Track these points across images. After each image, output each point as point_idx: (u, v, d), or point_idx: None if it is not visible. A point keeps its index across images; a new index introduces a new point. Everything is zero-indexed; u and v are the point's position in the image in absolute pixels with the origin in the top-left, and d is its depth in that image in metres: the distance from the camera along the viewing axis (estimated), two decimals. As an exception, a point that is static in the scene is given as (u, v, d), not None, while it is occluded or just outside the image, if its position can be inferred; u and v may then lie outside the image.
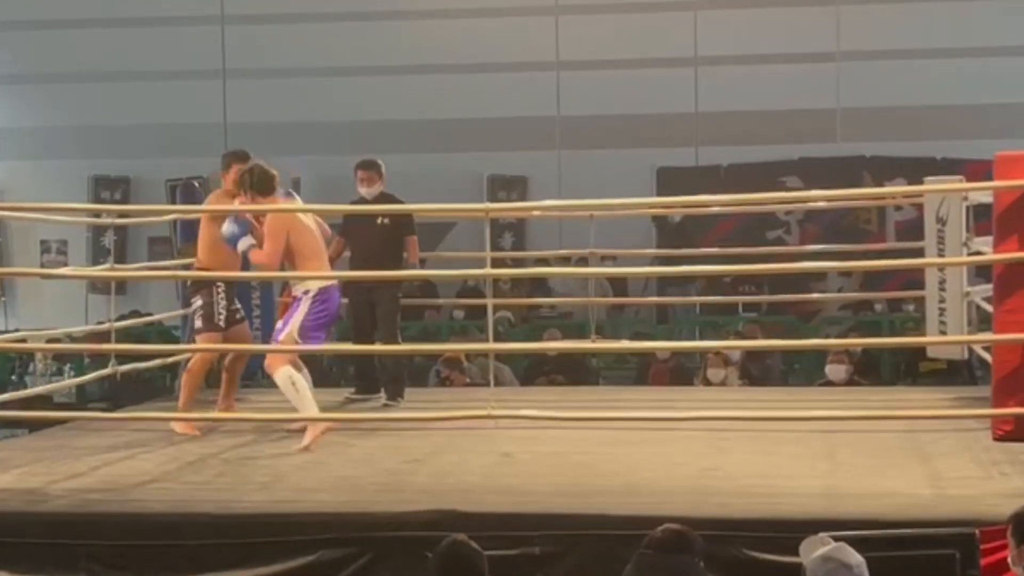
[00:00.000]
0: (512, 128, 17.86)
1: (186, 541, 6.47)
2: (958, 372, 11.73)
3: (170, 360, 10.99)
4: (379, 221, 9.82)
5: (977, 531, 5.87)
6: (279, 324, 8.79)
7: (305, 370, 8.99)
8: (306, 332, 8.60)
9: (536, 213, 16.06)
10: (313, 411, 8.53)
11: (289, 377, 8.50)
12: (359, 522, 6.45)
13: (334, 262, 9.59)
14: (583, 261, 12.94)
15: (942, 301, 9.69)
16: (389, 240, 9.87)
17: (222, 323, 9.14)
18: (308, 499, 6.94)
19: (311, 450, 8.23)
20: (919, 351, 11.45)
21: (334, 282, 8.78)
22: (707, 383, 11.58)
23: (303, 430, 8.50)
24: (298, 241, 8.63)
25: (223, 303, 9.13)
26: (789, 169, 17.38)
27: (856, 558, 4.70)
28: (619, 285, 16.34)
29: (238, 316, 9.33)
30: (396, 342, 9.83)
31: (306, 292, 8.59)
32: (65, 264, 18.38)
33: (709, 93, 17.79)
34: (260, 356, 9.41)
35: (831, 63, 17.64)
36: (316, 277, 8.64)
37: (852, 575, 4.65)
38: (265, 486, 7.27)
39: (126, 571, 6.48)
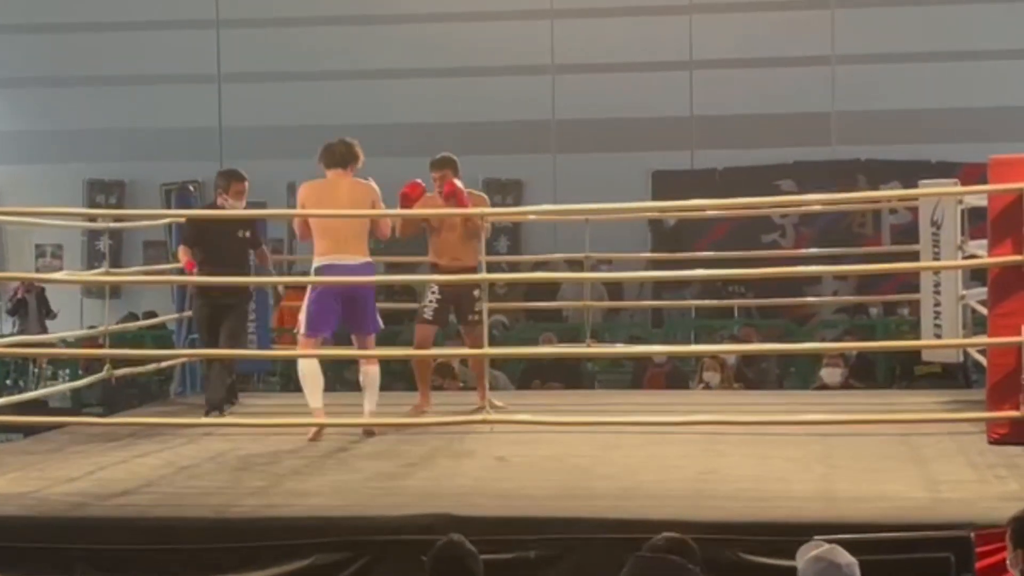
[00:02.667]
0: (508, 132, 17.88)
1: (182, 545, 6.46)
2: (953, 375, 11.73)
3: (164, 365, 10.99)
4: (240, 234, 9.70)
5: (972, 534, 5.87)
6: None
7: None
8: (312, 315, 8.69)
9: (531, 217, 16.07)
10: (314, 403, 8.73)
11: (303, 372, 8.85)
12: (354, 526, 6.44)
13: None
14: (579, 265, 12.97)
15: (937, 304, 9.70)
16: (246, 250, 9.83)
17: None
18: (303, 503, 6.93)
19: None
20: (914, 354, 11.45)
21: (335, 259, 8.68)
22: (705, 386, 11.56)
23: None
24: (313, 220, 8.76)
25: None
26: (784, 173, 17.40)
27: (847, 558, 4.71)
28: (614, 289, 16.35)
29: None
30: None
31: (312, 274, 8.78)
32: (60, 268, 18.38)
33: (704, 97, 17.80)
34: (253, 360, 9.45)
35: (826, 67, 17.67)
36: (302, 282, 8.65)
37: (842, 574, 4.65)
38: (260, 490, 7.26)
39: (122, 575, 6.47)
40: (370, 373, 8.89)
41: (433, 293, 9.55)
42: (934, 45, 17.42)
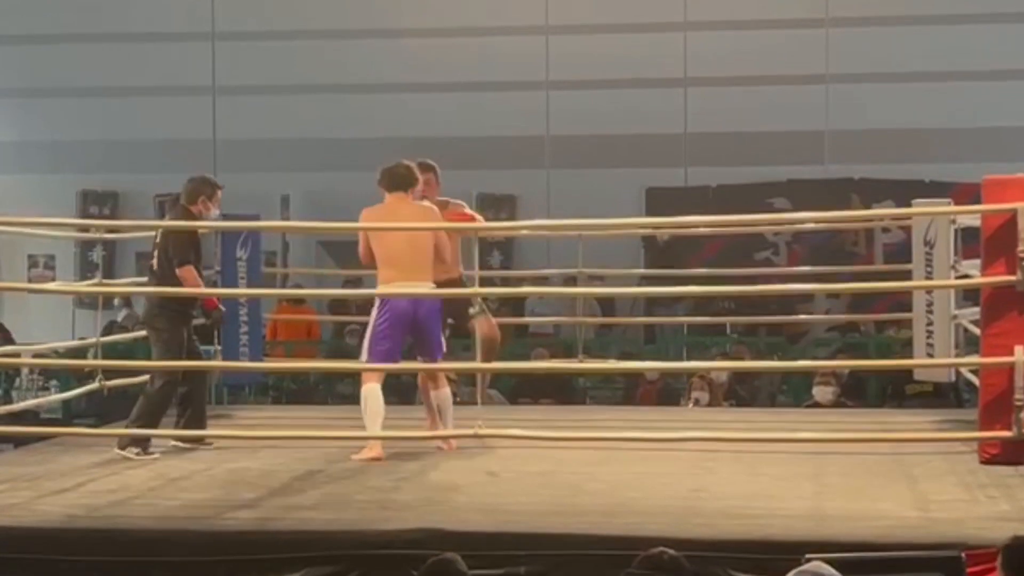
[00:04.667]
0: (501, 147, 17.88)
1: (171, 558, 6.45)
2: (945, 395, 11.74)
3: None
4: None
5: (963, 554, 5.87)
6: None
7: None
8: (374, 342, 8.59)
9: (525, 232, 16.07)
10: (375, 431, 8.52)
11: (365, 396, 8.56)
12: (345, 540, 6.44)
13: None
14: (571, 280, 12.97)
15: (929, 324, 9.70)
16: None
17: None
18: (294, 516, 6.92)
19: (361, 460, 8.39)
20: (906, 373, 11.46)
21: (402, 287, 8.57)
22: (695, 403, 11.56)
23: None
24: (375, 247, 8.59)
25: None
26: (777, 190, 17.40)
27: (829, 570, 4.71)
28: (607, 304, 16.35)
29: None
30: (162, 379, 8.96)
31: (377, 301, 8.67)
32: (53, 279, 18.35)
33: (698, 114, 17.81)
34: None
35: (820, 85, 17.68)
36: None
37: None
38: (251, 503, 7.26)
39: (111, 587, 6.47)
40: (441, 396, 8.89)
41: None
42: (928, 65, 17.44)
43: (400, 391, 12.10)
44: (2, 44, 19.04)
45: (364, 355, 8.70)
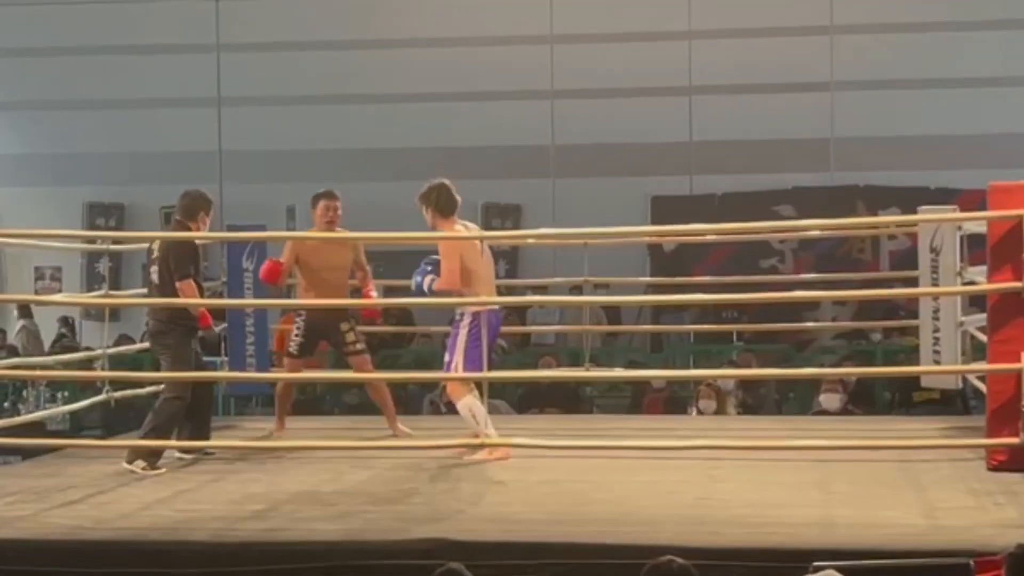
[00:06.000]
0: (507, 156, 17.90)
1: (179, 569, 6.45)
2: (952, 402, 11.73)
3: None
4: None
5: (972, 561, 5.86)
6: (446, 356, 8.90)
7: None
8: (474, 358, 8.65)
9: (530, 241, 16.08)
10: (493, 437, 8.62)
11: (469, 407, 8.65)
12: (352, 550, 6.43)
13: None
14: (577, 289, 12.96)
15: (936, 331, 9.70)
16: None
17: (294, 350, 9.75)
18: (301, 527, 6.92)
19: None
20: (913, 380, 11.45)
21: (491, 306, 8.82)
22: (700, 414, 11.57)
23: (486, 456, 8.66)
24: (469, 265, 8.72)
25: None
26: (783, 198, 17.41)
27: None
28: (613, 313, 16.35)
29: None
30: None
31: (462, 316, 8.75)
32: (59, 291, 18.38)
33: (704, 122, 17.83)
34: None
35: (825, 93, 17.69)
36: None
37: None
38: (258, 514, 7.26)
39: (119, 599, 6.47)
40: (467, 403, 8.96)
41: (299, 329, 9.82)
42: (933, 72, 17.44)
43: (408, 403, 12.13)
44: (8, 56, 19.07)
45: (460, 368, 8.73)
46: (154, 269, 8.94)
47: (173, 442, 8.82)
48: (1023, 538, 5.31)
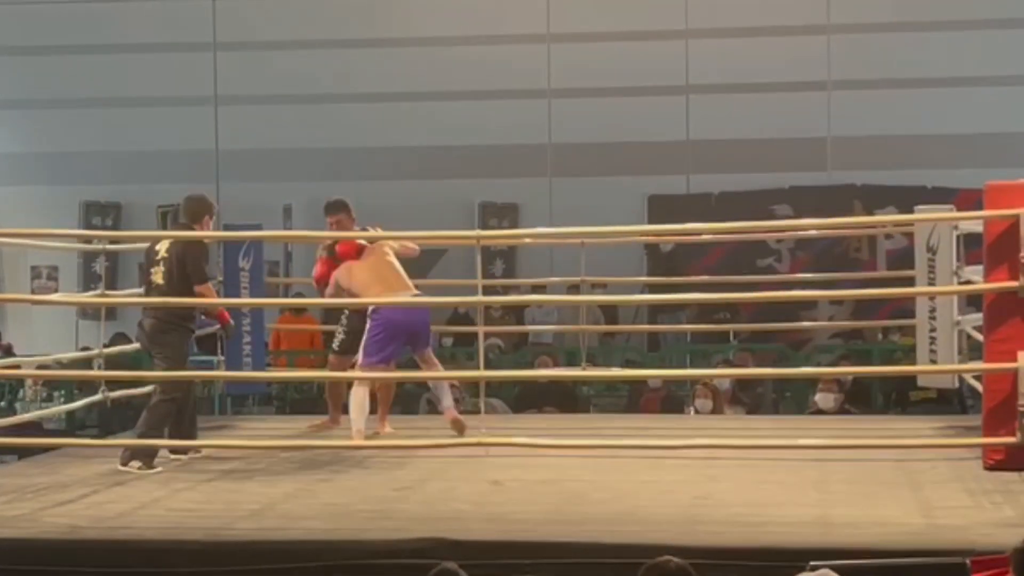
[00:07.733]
0: (503, 155, 17.87)
1: (175, 569, 6.45)
2: (948, 401, 11.73)
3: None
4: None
5: (968, 560, 5.86)
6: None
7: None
8: (367, 353, 9.21)
9: (527, 240, 16.08)
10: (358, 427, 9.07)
11: (356, 397, 9.17)
12: (349, 550, 6.43)
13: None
14: (574, 288, 12.96)
15: (932, 330, 9.70)
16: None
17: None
18: (297, 527, 6.92)
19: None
20: (910, 380, 11.46)
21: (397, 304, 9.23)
22: (697, 413, 11.56)
23: None
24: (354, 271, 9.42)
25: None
26: (780, 197, 17.39)
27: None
28: (610, 313, 16.34)
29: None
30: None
31: (371, 314, 9.28)
32: (56, 290, 18.35)
33: (700, 121, 17.81)
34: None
35: (822, 92, 17.67)
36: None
37: None
38: (254, 514, 7.25)
39: (114, 599, 6.46)
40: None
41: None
42: (930, 71, 17.43)
43: (404, 403, 12.12)
44: (3, 55, 19.05)
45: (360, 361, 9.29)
46: (156, 269, 8.92)
47: (173, 442, 8.82)
48: (1020, 536, 5.29)
